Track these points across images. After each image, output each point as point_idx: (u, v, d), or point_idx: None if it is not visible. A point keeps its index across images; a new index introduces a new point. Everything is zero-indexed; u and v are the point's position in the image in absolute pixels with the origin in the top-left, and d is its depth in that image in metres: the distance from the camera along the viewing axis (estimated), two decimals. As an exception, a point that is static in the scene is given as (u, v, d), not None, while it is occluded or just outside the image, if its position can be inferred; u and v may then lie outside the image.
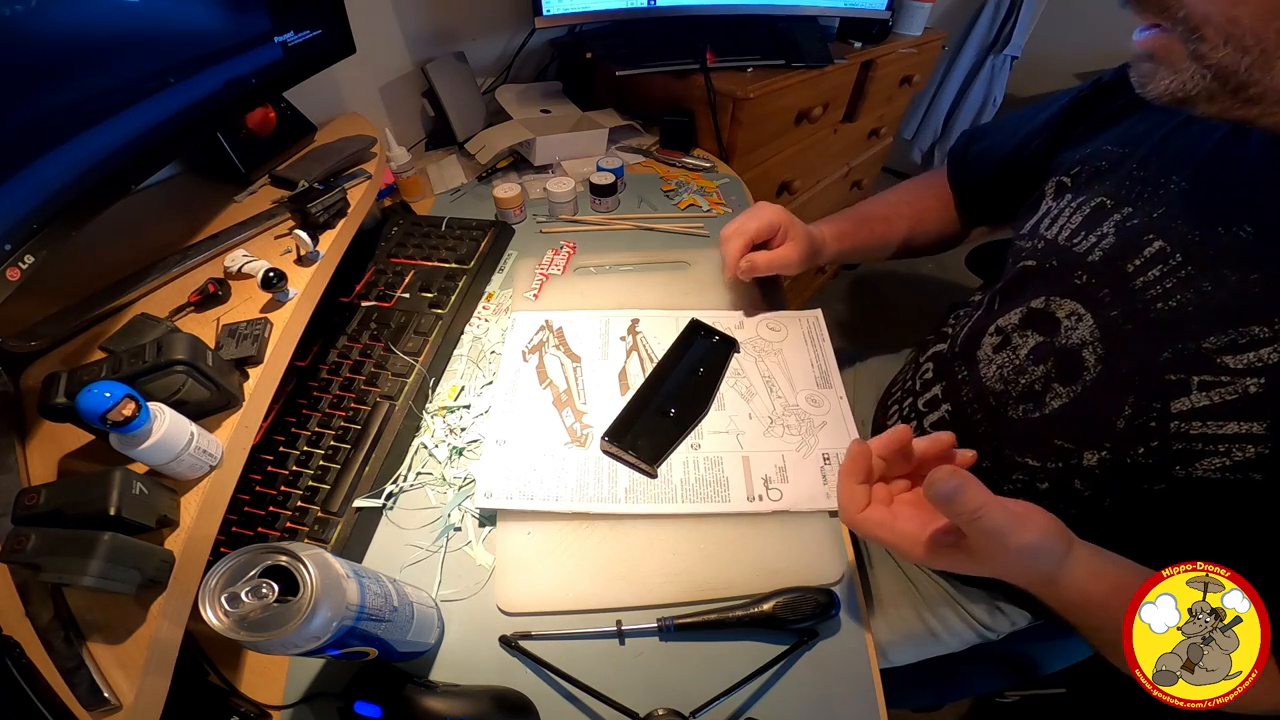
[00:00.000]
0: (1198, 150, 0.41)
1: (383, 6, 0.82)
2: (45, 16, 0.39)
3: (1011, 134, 0.61)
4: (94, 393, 0.33)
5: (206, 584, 0.27)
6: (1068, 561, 0.35)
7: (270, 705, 0.40)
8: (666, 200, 0.84)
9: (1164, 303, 0.39)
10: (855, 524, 0.38)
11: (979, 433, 0.52)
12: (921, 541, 0.35)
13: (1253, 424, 0.34)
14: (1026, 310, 0.48)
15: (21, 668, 0.31)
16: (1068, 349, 0.44)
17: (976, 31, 1.91)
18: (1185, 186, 0.40)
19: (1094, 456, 0.42)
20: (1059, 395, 0.45)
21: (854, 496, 0.38)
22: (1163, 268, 0.39)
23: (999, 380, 0.50)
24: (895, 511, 0.37)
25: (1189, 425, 0.36)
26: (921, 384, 0.61)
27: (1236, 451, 0.34)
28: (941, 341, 0.62)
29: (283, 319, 0.49)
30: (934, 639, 0.60)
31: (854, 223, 0.68)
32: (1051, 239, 0.48)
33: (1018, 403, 0.48)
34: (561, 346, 0.62)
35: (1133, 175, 0.44)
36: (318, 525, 0.47)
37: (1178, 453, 0.37)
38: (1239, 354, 0.34)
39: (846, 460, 0.39)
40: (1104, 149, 0.47)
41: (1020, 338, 0.49)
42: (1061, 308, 0.45)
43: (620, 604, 0.44)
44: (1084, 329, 0.43)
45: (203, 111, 0.53)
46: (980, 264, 1.73)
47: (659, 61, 0.93)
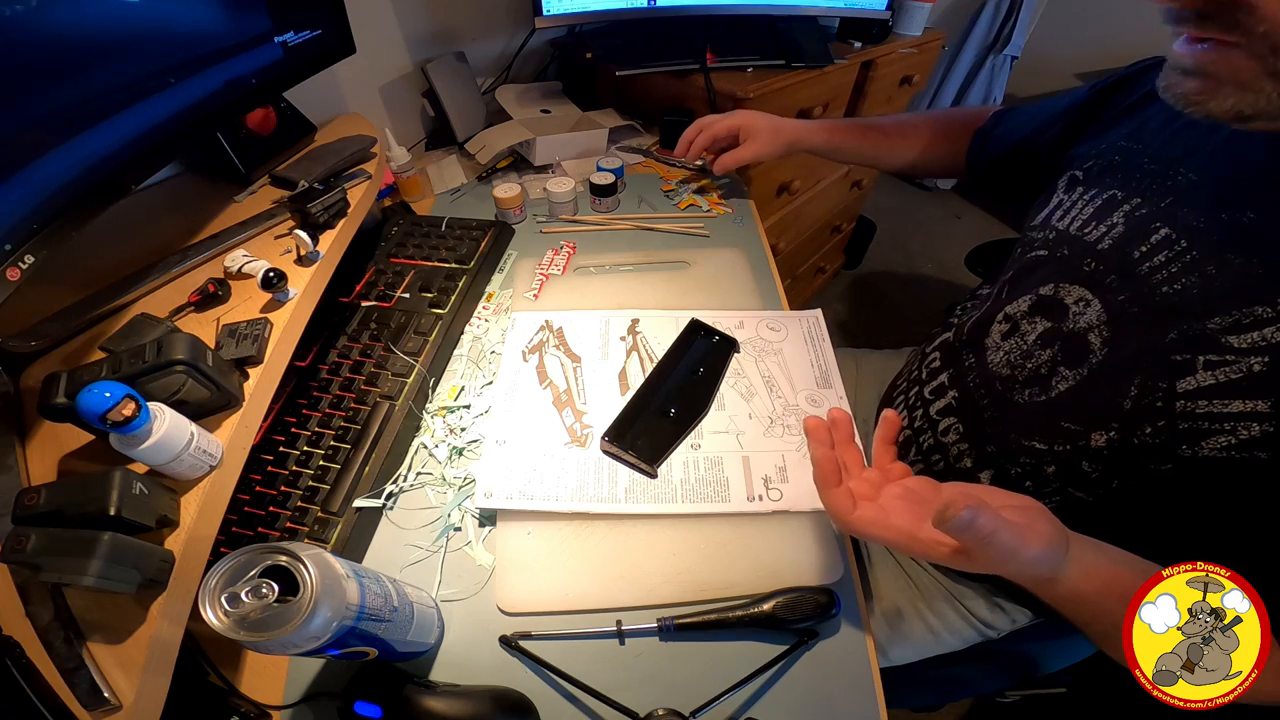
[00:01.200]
0: (1206, 144, 0.42)
1: (383, 6, 0.82)
2: (45, 16, 0.39)
3: (1032, 118, 0.63)
4: (94, 393, 0.33)
5: (206, 584, 0.27)
6: (1064, 563, 0.35)
7: (270, 705, 0.40)
8: (666, 200, 0.84)
9: (1169, 286, 0.39)
10: (849, 527, 0.37)
11: (985, 418, 0.52)
12: (918, 538, 0.35)
13: (1257, 402, 0.34)
14: (1036, 297, 0.49)
15: (21, 668, 0.31)
16: (1074, 333, 0.44)
17: (976, 31, 1.91)
18: (1194, 178, 0.41)
19: (1101, 438, 0.42)
20: (1065, 379, 0.45)
21: (839, 501, 0.38)
22: (1168, 253, 0.40)
23: (1006, 365, 0.50)
24: (886, 507, 0.37)
25: (1195, 404, 0.36)
26: (928, 373, 0.61)
27: (1242, 430, 0.35)
28: (948, 331, 0.62)
29: (283, 319, 0.49)
30: (934, 637, 0.60)
31: (854, 128, 0.76)
32: (1063, 229, 0.48)
33: (1024, 387, 0.48)
34: (561, 346, 0.62)
35: (1143, 169, 0.45)
36: (318, 525, 0.47)
37: (1184, 432, 0.37)
38: (1243, 333, 0.35)
39: (816, 470, 0.38)
40: (1118, 144, 0.48)
41: (1029, 324, 0.49)
42: (1070, 294, 0.46)
43: (620, 604, 0.44)
44: (1091, 313, 0.44)
45: (203, 111, 0.53)
46: (980, 264, 1.73)
47: (659, 61, 0.93)
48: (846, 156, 0.78)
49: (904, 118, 0.77)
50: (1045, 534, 0.33)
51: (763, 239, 0.77)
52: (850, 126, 0.77)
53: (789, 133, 0.75)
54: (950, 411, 0.56)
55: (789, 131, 0.75)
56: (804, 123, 0.77)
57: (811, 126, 0.76)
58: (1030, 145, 0.62)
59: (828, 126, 0.76)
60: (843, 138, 0.76)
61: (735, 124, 0.76)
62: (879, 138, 0.76)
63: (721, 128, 0.76)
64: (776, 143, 0.75)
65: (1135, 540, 0.38)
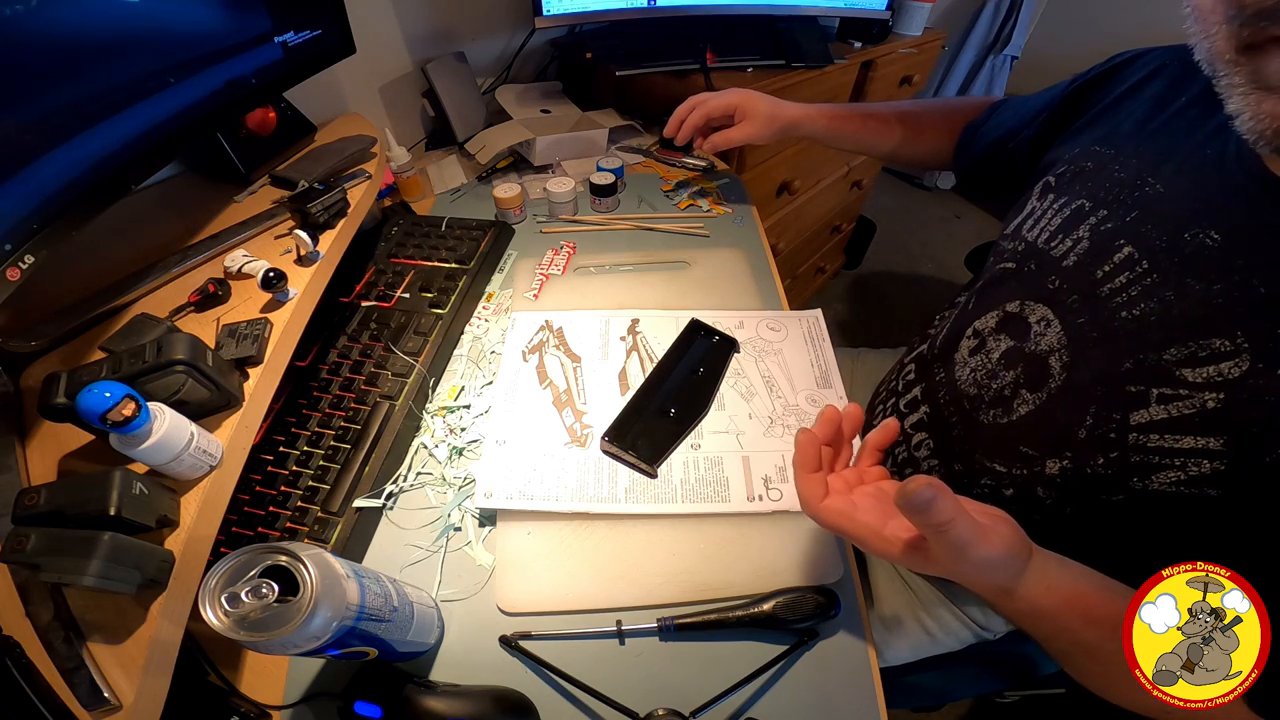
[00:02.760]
0: (1177, 150, 0.40)
1: (383, 6, 0.82)
2: (45, 16, 0.39)
3: (1015, 114, 0.61)
4: (94, 393, 0.33)
5: (206, 584, 0.27)
6: (1024, 575, 0.34)
7: (270, 705, 0.40)
8: (666, 200, 0.84)
9: (1128, 311, 0.38)
10: (816, 514, 0.36)
11: (953, 435, 0.52)
12: (882, 535, 0.34)
13: (1209, 439, 0.33)
14: (1002, 314, 0.48)
15: (21, 668, 0.31)
16: (1036, 355, 0.44)
17: (976, 31, 1.91)
18: (1161, 190, 0.39)
19: (1055, 465, 0.41)
20: (1026, 402, 0.44)
21: (812, 487, 0.36)
22: (1129, 274, 0.39)
23: (973, 384, 0.50)
24: (855, 502, 0.36)
25: (1146, 438, 0.36)
26: (904, 385, 0.61)
27: (1192, 466, 0.34)
28: (924, 343, 0.62)
29: (283, 319, 0.49)
30: (930, 639, 0.60)
31: (855, 115, 0.73)
32: (1031, 241, 0.47)
33: (989, 408, 0.48)
34: (561, 346, 0.62)
35: (1113, 176, 0.43)
36: (318, 525, 0.47)
37: (1135, 465, 0.36)
38: (1199, 367, 0.34)
39: (796, 451, 0.38)
40: (1091, 148, 0.47)
41: (994, 341, 0.48)
42: (1034, 312, 0.45)
43: (620, 604, 0.44)
44: (1052, 335, 0.43)
45: (203, 111, 0.53)
46: (980, 264, 1.73)
47: (659, 61, 0.93)
48: (846, 144, 0.75)
49: (907, 107, 0.75)
50: (1006, 538, 0.32)
51: (763, 239, 0.77)
52: (851, 114, 0.74)
53: (787, 116, 0.72)
54: (922, 426, 0.56)
55: (787, 115, 0.72)
56: (804, 107, 0.73)
57: (811, 112, 0.73)
58: (1007, 145, 0.60)
59: (828, 113, 0.73)
60: (842, 124, 0.73)
61: (732, 102, 0.72)
62: (879, 126, 0.73)
63: (716, 105, 0.72)
64: (773, 126, 0.72)
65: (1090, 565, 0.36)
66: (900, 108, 0.75)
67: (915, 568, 0.35)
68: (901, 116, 0.73)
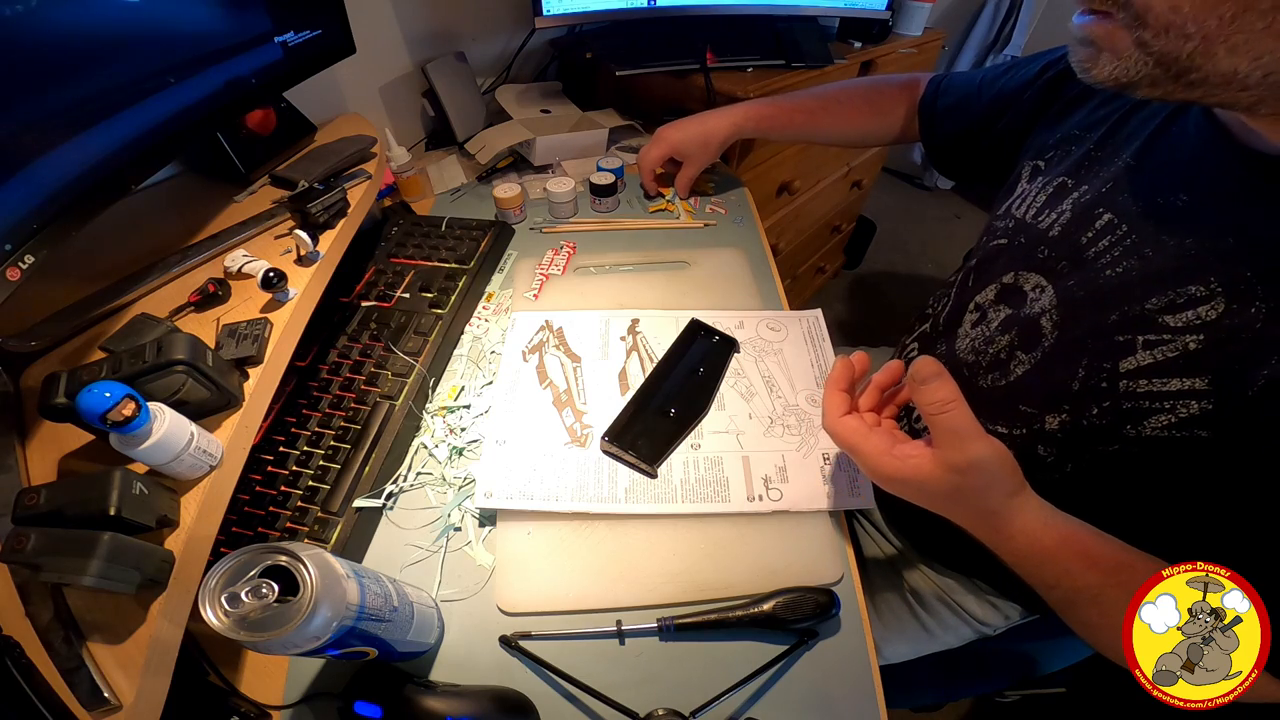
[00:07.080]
0: (1145, 128, 0.44)
1: (383, 6, 0.82)
2: (45, 16, 0.39)
3: (979, 96, 0.63)
4: (94, 393, 0.33)
5: (206, 584, 0.27)
6: (1016, 500, 0.36)
7: (270, 705, 0.40)
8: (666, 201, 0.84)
9: (1111, 269, 0.41)
10: (833, 428, 0.40)
11: None
12: (890, 452, 0.38)
13: (1194, 379, 0.35)
14: (1000, 286, 0.51)
15: (21, 668, 0.31)
16: (1029, 318, 0.46)
17: (976, 31, 1.91)
18: (1132, 163, 0.43)
19: (1054, 420, 0.43)
20: (1022, 363, 0.47)
21: (836, 402, 0.41)
22: (1111, 238, 0.42)
23: (971, 352, 0.52)
24: (870, 426, 0.40)
25: (1136, 384, 0.38)
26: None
27: (1181, 408, 0.36)
28: (924, 322, 0.63)
29: (283, 319, 0.49)
30: (929, 636, 0.60)
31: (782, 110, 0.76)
32: (1020, 218, 0.51)
33: (987, 372, 0.50)
34: (561, 346, 0.62)
35: (1090, 155, 0.47)
36: (318, 525, 0.47)
37: (1128, 411, 0.38)
38: (1178, 313, 0.36)
39: (832, 371, 0.43)
40: (1071, 132, 0.50)
41: (994, 312, 0.51)
42: (1028, 281, 0.48)
43: (620, 604, 0.44)
44: (1045, 299, 0.45)
45: (203, 111, 0.53)
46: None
47: (659, 61, 0.93)
48: (782, 138, 0.80)
49: (831, 91, 0.77)
50: (999, 447, 0.35)
51: (763, 239, 0.77)
52: (779, 109, 0.76)
53: (719, 135, 0.75)
54: None
55: (719, 131, 0.75)
56: (731, 116, 0.75)
57: (737, 120, 0.75)
58: (986, 130, 0.62)
59: (756, 114, 0.75)
60: (771, 123, 0.76)
61: (663, 152, 0.77)
62: (806, 117, 0.75)
63: (654, 159, 0.78)
64: (710, 149, 0.76)
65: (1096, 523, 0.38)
66: (825, 93, 0.77)
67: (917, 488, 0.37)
68: (826, 104, 0.76)
